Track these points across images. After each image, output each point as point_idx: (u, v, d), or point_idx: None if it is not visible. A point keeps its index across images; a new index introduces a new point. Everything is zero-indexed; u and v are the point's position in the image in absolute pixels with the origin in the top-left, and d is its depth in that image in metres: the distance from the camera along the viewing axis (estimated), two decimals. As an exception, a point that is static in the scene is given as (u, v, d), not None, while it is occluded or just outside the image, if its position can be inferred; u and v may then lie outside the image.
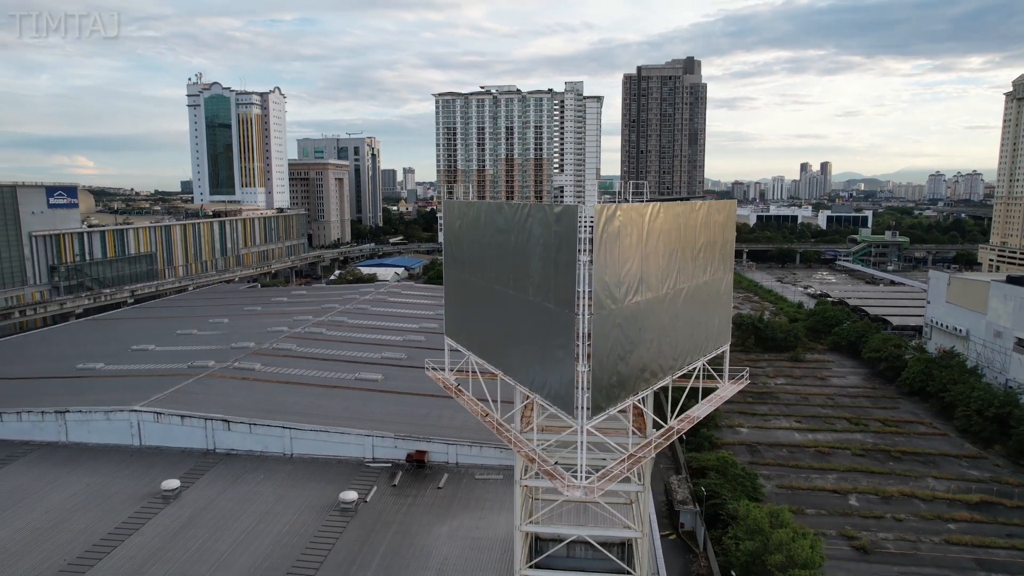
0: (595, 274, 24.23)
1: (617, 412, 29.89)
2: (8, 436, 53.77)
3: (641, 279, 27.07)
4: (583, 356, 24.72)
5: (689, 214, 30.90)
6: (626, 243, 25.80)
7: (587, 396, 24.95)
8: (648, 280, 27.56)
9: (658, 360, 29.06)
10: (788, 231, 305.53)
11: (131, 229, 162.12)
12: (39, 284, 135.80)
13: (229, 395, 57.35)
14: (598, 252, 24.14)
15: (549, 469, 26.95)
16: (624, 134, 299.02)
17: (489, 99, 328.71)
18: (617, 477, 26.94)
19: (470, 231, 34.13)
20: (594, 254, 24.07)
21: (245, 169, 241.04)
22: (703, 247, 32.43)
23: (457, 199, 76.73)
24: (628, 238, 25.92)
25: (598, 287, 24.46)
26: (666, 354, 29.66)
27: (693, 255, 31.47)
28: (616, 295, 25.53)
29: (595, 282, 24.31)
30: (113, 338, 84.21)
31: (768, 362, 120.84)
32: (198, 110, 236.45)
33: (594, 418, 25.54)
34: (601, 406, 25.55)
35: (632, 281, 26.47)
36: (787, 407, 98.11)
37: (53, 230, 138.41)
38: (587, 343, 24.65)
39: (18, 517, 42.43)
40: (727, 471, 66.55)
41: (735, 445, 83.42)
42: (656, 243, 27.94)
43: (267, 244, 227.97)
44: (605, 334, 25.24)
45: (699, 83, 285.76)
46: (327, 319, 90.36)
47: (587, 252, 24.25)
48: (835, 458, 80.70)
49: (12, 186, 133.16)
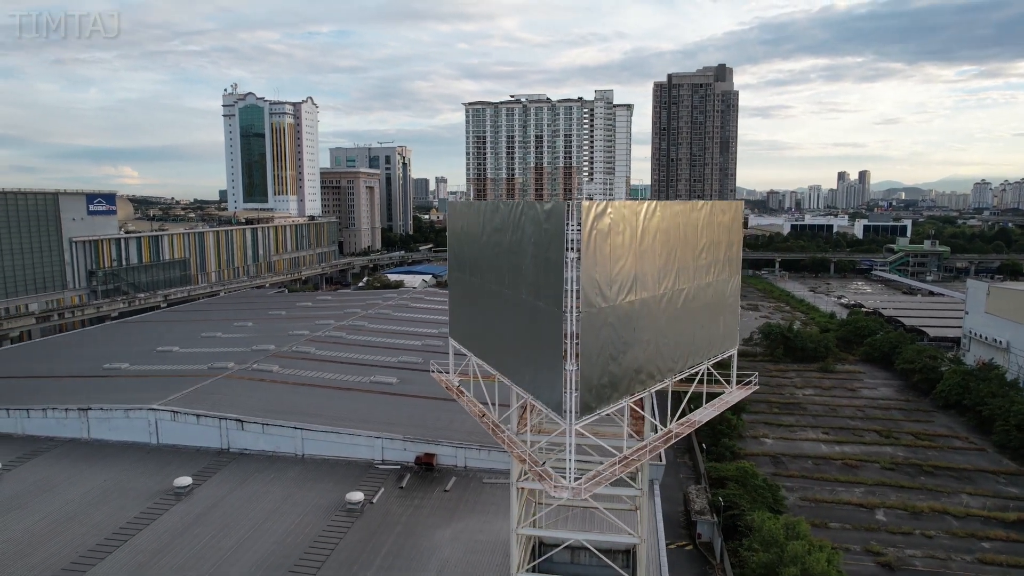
0: (583, 271, 23.90)
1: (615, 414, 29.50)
2: (35, 432, 55.54)
3: (636, 278, 26.62)
4: (571, 355, 24.38)
5: (689, 213, 30.34)
6: (618, 241, 25.41)
7: (576, 396, 24.60)
8: (643, 279, 27.08)
9: (655, 362, 28.48)
10: (822, 240, 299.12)
11: (165, 235, 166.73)
12: (78, 288, 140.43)
13: (245, 396, 58.25)
14: (586, 249, 23.83)
15: (538, 470, 26.61)
16: (654, 142, 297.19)
17: (519, 108, 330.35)
18: (607, 479, 26.44)
19: (470, 232, 34.13)
20: (581, 251, 23.76)
21: (278, 177, 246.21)
22: (706, 248, 31.79)
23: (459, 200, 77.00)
24: (620, 236, 25.53)
25: (587, 285, 24.12)
26: (665, 356, 29.07)
27: (695, 255, 30.86)
28: (607, 294, 25.14)
29: (583, 280, 23.98)
30: (140, 340, 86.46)
31: (797, 372, 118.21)
32: (233, 120, 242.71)
33: (584, 419, 25.15)
34: (591, 406, 25.13)
35: (625, 280, 26.04)
36: (814, 418, 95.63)
37: (92, 236, 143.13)
38: (575, 342, 24.32)
39: (38, 509, 43.68)
40: (747, 481, 65.04)
41: (758, 456, 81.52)
42: (652, 242, 27.47)
43: (298, 251, 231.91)
44: (595, 333, 24.86)
45: (731, 90, 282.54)
46: (348, 323, 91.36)
47: (575, 249, 23.94)
48: (863, 471, 78.23)
49: (55, 194, 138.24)
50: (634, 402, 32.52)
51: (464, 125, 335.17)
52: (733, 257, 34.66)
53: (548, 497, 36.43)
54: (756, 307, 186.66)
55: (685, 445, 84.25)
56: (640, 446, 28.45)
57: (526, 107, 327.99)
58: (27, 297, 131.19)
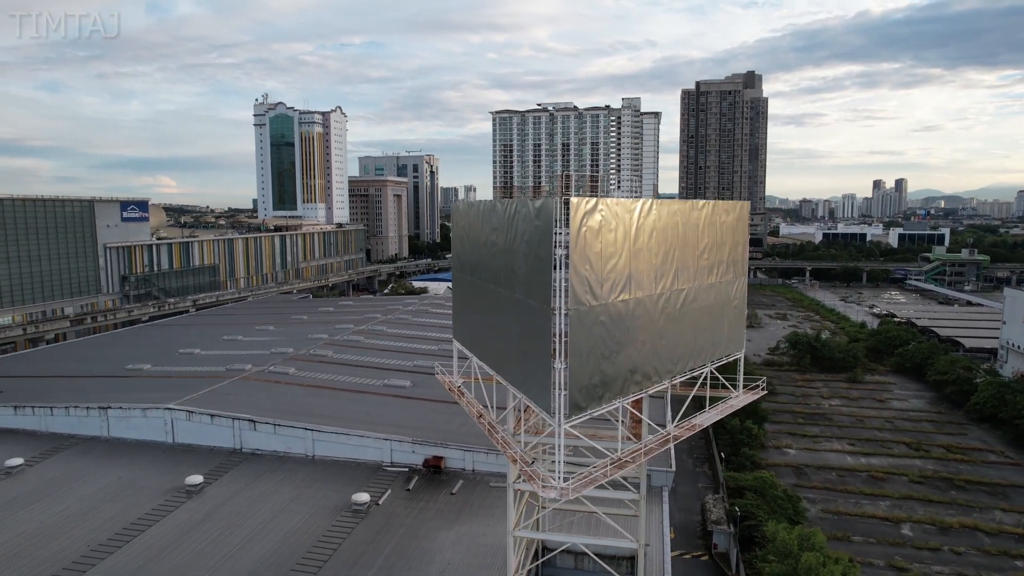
0: (572, 269, 23.64)
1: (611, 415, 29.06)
2: (57, 429, 57.03)
3: (630, 277, 26.24)
4: (560, 353, 24.10)
5: (689, 213, 29.87)
6: (609, 238, 25.09)
7: (564, 395, 24.30)
8: (638, 278, 26.69)
9: (652, 363, 28.00)
10: (855, 249, 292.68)
11: (196, 242, 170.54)
12: (111, 293, 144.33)
13: (259, 397, 58.99)
14: (575, 246, 23.58)
15: (527, 470, 26.31)
16: (682, 150, 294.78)
17: (545, 116, 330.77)
18: (597, 481, 26.00)
19: (471, 233, 34.13)
20: (570, 248, 23.52)
21: (306, 186, 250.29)
22: (708, 248, 31.25)
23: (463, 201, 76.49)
24: (612, 233, 25.21)
25: (575, 282, 23.85)
26: (662, 357, 28.57)
27: (695, 256, 30.35)
28: (598, 292, 24.81)
29: (572, 277, 23.72)
30: (163, 342, 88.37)
31: (824, 382, 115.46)
32: (263, 129, 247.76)
33: (574, 418, 24.81)
34: (581, 406, 24.77)
35: (618, 278, 25.68)
36: (840, 429, 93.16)
37: (125, 242, 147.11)
38: (564, 340, 24.05)
39: (56, 503, 44.75)
40: (765, 492, 63.58)
41: (780, 466, 79.66)
42: (648, 240, 27.07)
43: (326, 258, 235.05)
44: (585, 331, 24.54)
45: (760, 97, 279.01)
46: (367, 328, 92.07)
47: (563, 246, 23.72)
48: (889, 484, 75.82)
49: (90, 201, 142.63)
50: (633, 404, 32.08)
51: (491, 134, 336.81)
52: (738, 258, 34.01)
53: (550, 500, 36.11)
54: (784, 316, 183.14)
55: (705, 454, 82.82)
56: (634, 448, 27.93)
57: (553, 115, 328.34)
58: (63, 301, 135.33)
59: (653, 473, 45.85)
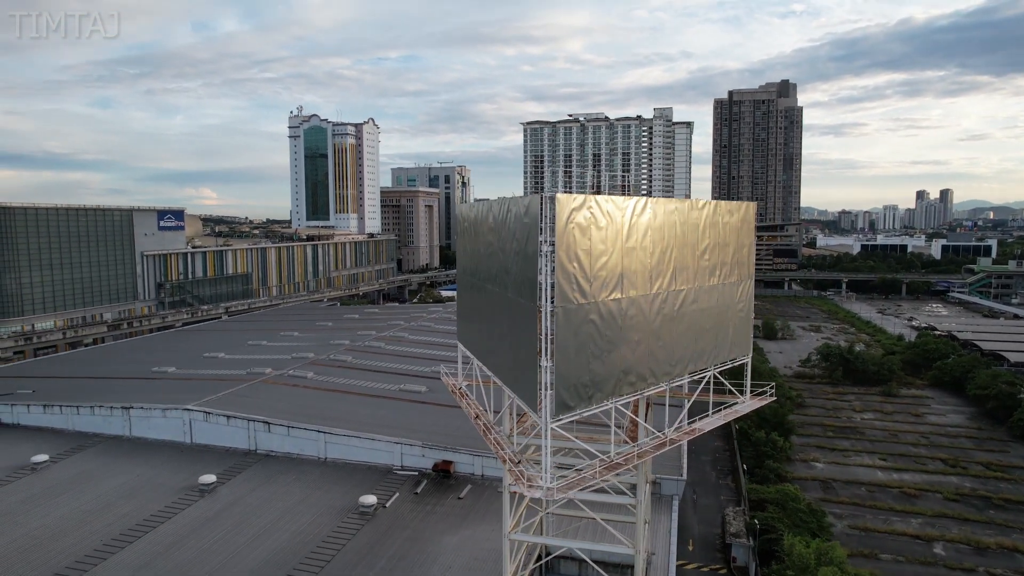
0: (558, 265, 23.34)
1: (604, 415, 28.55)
2: (83, 428, 58.69)
3: (622, 276, 25.83)
4: (545, 351, 23.81)
5: (688, 212, 29.35)
6: (599, 236, 24.73)
7: (551, 394, 23.97)
8: (632, 277, 26.26)
9: (647, 364, 27.46)
10: (894, 261, 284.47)
11: (229, 251, 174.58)
12: (147, 299, 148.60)
13: (276, 400, 59.77)
14: (560, 243, 23.29)
15: (514, 470, 25.98)
16: (715, 160, 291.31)
17: (576, 126, 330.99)
18: (585, 482, 25.53)
19: (472, 234, 34.12)
20: (556, 244, 23.27)
21: (339, 196, 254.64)
22: (709, 249, 30.67)
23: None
24: (602, 231, 24.84)
25: (562, 280, 23.55)
26: (659, 359, 28.00)
27: (695, 256, 29.80)
28: (586, 289, 24.45)
29: (559, 274, 23.42)
30: (191, 346, 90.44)
31: (856, 396, 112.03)
32: (298, 141, 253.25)
33: (561, 418, 24.45)
34: (569, 405, 24.37)
35: (609, 277, 25.29)
36: (872, 443, 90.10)
37: (161, 250, 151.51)
38: (549, 337, 23.76)
39: (75, 499, 45.93)
40: (787, 505, 61.77)
41: (806, 480, 77.36)
42: (642, 239, 26.64)
43: (357, 267, 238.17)
44: (574, 330, 24.20)
45: (794, 106, 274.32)
46: (389, 334, 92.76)
47: (548, 243, 23.48)
48: (923, 501, 72.87)
49: (129, 210, 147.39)
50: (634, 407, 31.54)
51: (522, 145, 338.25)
52: (744, 260, 33.32)
53: (553, 504, 35.65)
54: (818, 328, 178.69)
55: (729, 467, 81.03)
56: (627, 451, 27.38)
57: (584, 125, 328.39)
58: (102, 307, 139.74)
59: (664, 482, 44.95)
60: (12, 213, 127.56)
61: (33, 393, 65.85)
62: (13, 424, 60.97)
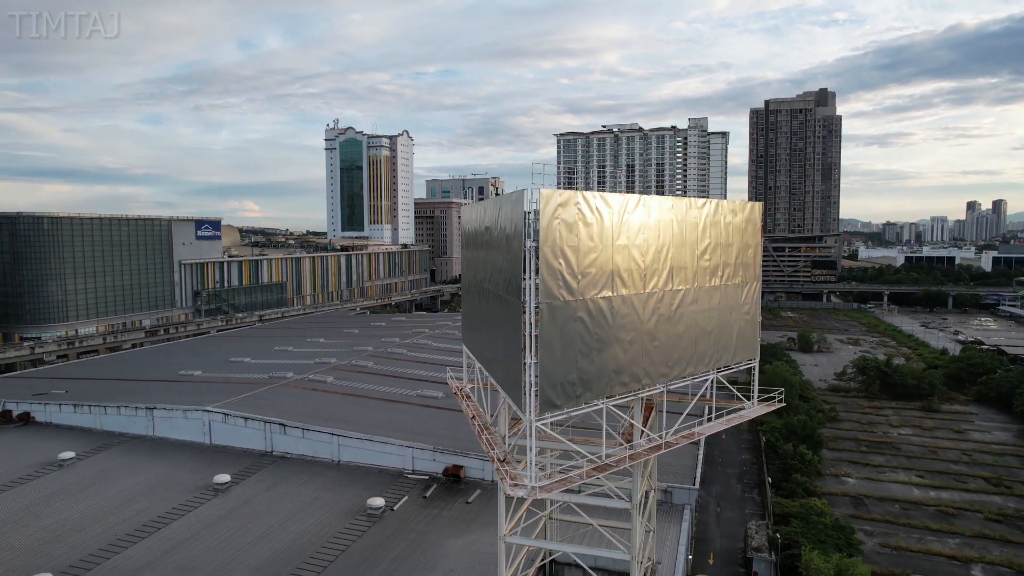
0: (542, 261, 23.09)
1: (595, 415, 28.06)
2: (110, 427, 60.47)
3: (613, 273, 25.42)
4: (529, 348, 23.54)
5: (686, 211, 28.80)
6: (587, 233, 24.38)
7: (535, 391, 23.65)
8: (624, 276, 25.80)
9: (641, 364, 26.90)
10: (940, 273, 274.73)
11: (264, 260, 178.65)
12: (184, 307, 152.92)
13: (295, 403, 60.59)
14: (545, 238, 23.03)
15: (499, 468, 25.69)
16: (751, 170, 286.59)
17: (610, 137, 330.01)
18: (571, 483, 25.06)
19: (472, 235, 34.15)
20: (540, 240, 23.04)
21: (373, 207, 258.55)
22: (710, 248, 30.04)
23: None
24: (589, 228, 24.49)
25: (547, 276, 23.26)
26: (655, 359, 27.42)
27: (695, 256, 29.21)
28: (574, 287, 24.10)
29: (543, 270, 23.13)
30: (219, 351, 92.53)
31: (894, 410, 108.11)
32: (334, 153, 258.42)
33: (547, 416, 24.11)
34: (555, 403, 23.98)
35: (599, 274, 24.90)
36: (908, 460, 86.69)
37: (199, 259, 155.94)
38: (534, 334, 23.50)
39: (95, 495, 47.21)
40: (810, 519, 59.83)
41: (836, 495, 74.80)
42: (635, 237, 26.22)
43: (391, 278, 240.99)
44: (559, 327, 23.86)
45: (833, 115, 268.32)
46: (412, 341, 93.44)
47: (532, 238, 23.28)
48: (961, 521, 69.63)
49: (168, 220, 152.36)
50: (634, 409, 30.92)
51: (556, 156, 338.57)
52: (749, 261, 32.50)
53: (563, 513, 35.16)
54: (857, 341, 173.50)
55: (756, 480, 78.97)
56: (619, 454, 26.82)
57: (617, 136, 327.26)
58: (141, 313, 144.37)
59: (675, 491, 43.97)
60: (59, 223, 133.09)
61: (66, 393, 68.20)
62: (46, 422, 63.25)
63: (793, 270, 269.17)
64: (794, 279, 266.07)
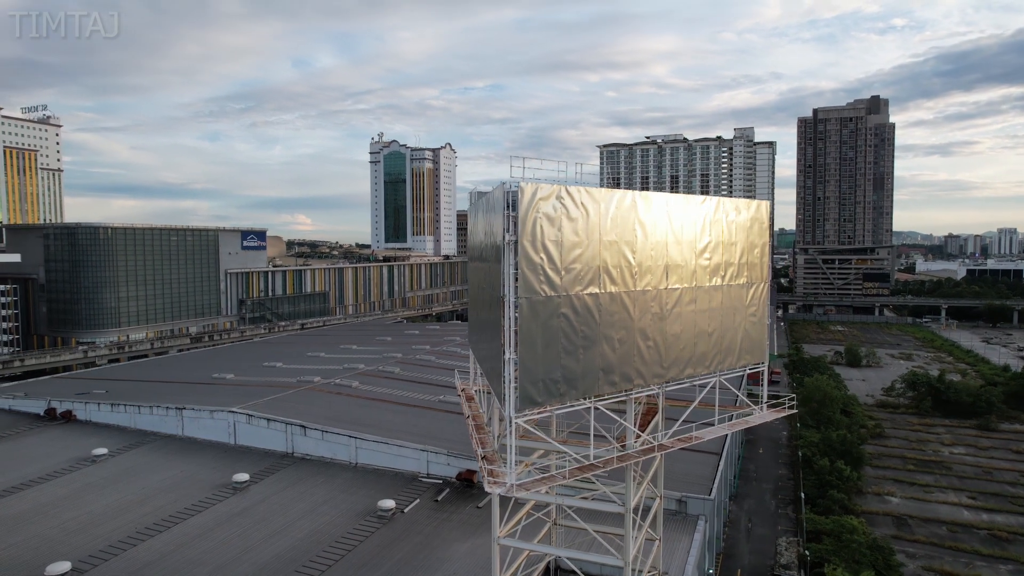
0: (523, 257, 22.76)
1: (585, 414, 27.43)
2: (143, 426, 62.59)
3: (601, 269, 24.90)
4: (509, 343, 23.21)
5: (684, 207, 28.13)
6: (571, 228, 23.90)
7: (514, 386, 23.28)
8: (612, 272, 25.22)
9: (633, 364, 26.16)
10: (1005, 287, 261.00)
11: (308, 270, 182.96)
12: (229, 315, 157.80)
13: (318, 406, 61.48)
14: (524, 232, 22.70)
15: (483, 466, 25.32)
16: (799, 180, 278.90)
17: (654, 148, 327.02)
18: (553, 481, 24.50)
19: (474, 232, 34.16)
20: (519, 235, 22.76)
21: (416, 219, 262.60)
22: (712, 247, 29.19)
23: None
24: (573, 223, 24.01)
25: (527, 271, 22.89)
26: (648, 359, 26.65)
27: (694, 254, 28.44)
28: (556, 282, 23.64)
29: (523, 265, 22.81)
30: (253, 356, 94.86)
31: (947, 429, 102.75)
32: (378, 166, 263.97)
33: (527, 413, 23.68)
34: (536, 400, 23.48)
35: (585, 270, 24.38)
36: (959, 480, 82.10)
37: (244, 268, 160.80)
38: (513, 329, 23.18)
39: (121, 490, 48.76)
40: (843, 537, 57.23)
41: (877, 515, 71.33)
42: (625, 233, 25.66)
43: (432, 288, 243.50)
44: (541, 323, 23.40)
45: (885, 123, 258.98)
46: (441, 349, 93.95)
47: (512, 232, 23.01)
48: (1016, 546, 65.33)
49: (215, 231, 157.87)
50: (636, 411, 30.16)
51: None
52: (756, 262, 31.45)
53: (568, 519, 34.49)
54: (909, 356, 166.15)
55: (791, 496, 76.13)
56: (608, 456, 26.12)
57: (661, 147, 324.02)
58: (188, 320, 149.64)
59: (690, 500, 42.64)
60: (114, 233, 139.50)
61: (106, 393, 70.97)
62: (86, 420, 65.93)
63: (843, 283, 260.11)
64: (844, 292, 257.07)
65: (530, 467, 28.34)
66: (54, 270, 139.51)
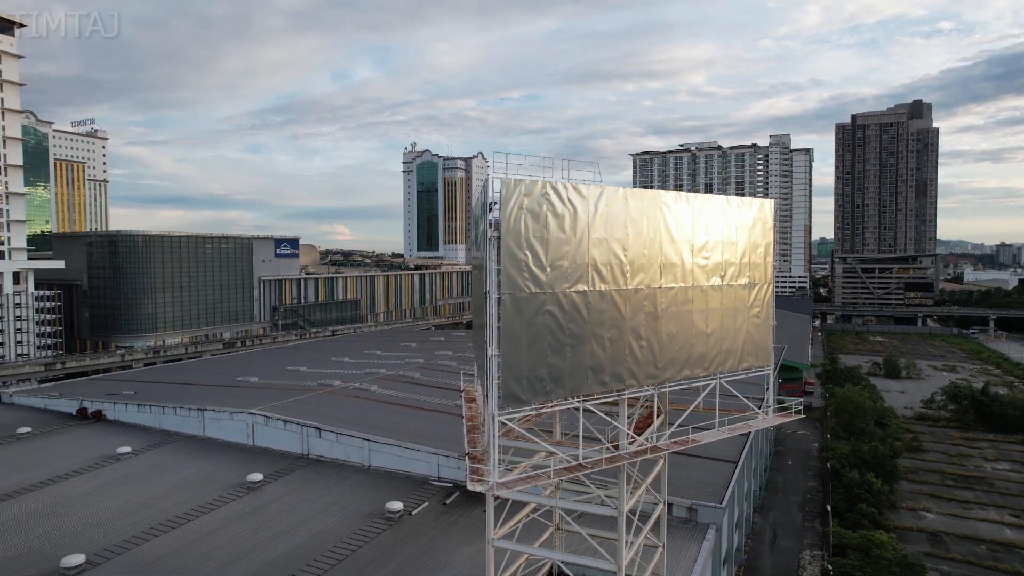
0: (505, 253, 22.59)
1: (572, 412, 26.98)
2: (166, 426, 64.04)
3: (590, 267, 24.57)
4: (492, 340, 23.03)
5: (680, 205, 27.63)
6: (556, 224, 23.62)
7: (497, 383, 23.06)
8: (602, 270, 24.86)
9: (625, 363, 25.69)
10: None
11: (340, 278, 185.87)
12: (262, 321, 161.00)
13: (335, 409, 62.04)
14: (506, 227, 22.52)
15: (468, 464, 25.10)
16: (837, 187, 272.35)
17: (687, 156, 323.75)
18: (537, 480, 24.12)
19: (475, 231, 34.11)
20: (502, 230, 22.63)
21: (448, 227, 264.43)
22: (711, 247, 28.60)
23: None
24: (561, 219, 23.73)
25: (511, 267, 22.70)
26: (640, 359, 26.15)
27: (692, 252, 27.91)
28: (541, 279, 23.37)
29: (506, 260, 22.63)
30: (278, 360, 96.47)
31: (991, 443, 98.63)
32: (411, 176, 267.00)
33: (510, 410, 23.40)
34: (519, 398, 23.18)
35: (572, 267, 24.08)
36: (1002, 497, 78.62)
37: (277, 276, 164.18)
38: (497, 325, 23.00)
39: (140, 487, 49.85)
40: (870, 552, 55.22)
41: (911, 531, 68.71)
42: (616, 230, 25.32)
43: (463, 296, 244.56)
44: (525, 319, 23.13)
45: (928, 128, 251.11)
46: (464, 355, 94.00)
47: (494, 227, 22.89)
48: (1060, 567, 62.28)
49: (249, 238, 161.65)
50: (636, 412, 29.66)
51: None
52: (759, 262, 30.70)
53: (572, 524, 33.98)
54: (953, 368, 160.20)
55: (819, 509, 73.94)
56: (596, 457, 25.65)
57: (695, 155, 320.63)
58: (222, 326, 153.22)
59: (700, 508, 41.59)
60: (151, 241, 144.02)
61: (134, 394, 72.97)
62: (114, 420, 67.80)
63: (884, 292, 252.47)
64: (885, 302, 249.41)
65: (528, 468, 28.04)
66: (95, 276, 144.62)
